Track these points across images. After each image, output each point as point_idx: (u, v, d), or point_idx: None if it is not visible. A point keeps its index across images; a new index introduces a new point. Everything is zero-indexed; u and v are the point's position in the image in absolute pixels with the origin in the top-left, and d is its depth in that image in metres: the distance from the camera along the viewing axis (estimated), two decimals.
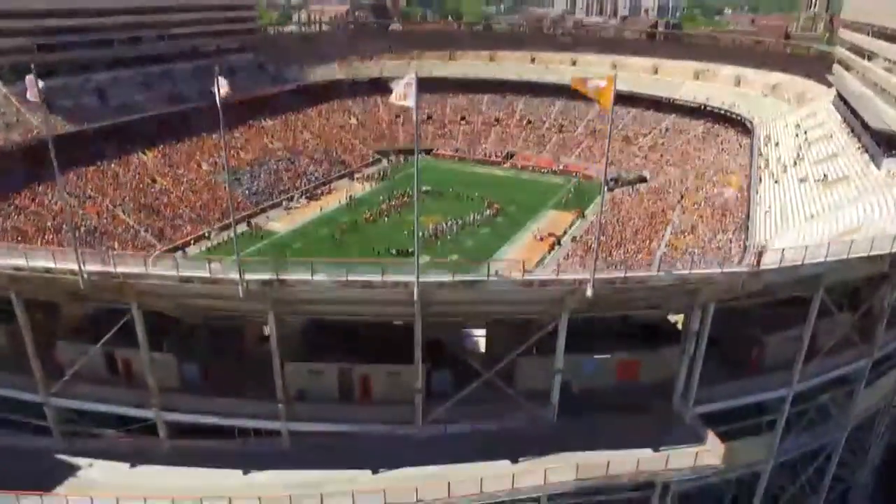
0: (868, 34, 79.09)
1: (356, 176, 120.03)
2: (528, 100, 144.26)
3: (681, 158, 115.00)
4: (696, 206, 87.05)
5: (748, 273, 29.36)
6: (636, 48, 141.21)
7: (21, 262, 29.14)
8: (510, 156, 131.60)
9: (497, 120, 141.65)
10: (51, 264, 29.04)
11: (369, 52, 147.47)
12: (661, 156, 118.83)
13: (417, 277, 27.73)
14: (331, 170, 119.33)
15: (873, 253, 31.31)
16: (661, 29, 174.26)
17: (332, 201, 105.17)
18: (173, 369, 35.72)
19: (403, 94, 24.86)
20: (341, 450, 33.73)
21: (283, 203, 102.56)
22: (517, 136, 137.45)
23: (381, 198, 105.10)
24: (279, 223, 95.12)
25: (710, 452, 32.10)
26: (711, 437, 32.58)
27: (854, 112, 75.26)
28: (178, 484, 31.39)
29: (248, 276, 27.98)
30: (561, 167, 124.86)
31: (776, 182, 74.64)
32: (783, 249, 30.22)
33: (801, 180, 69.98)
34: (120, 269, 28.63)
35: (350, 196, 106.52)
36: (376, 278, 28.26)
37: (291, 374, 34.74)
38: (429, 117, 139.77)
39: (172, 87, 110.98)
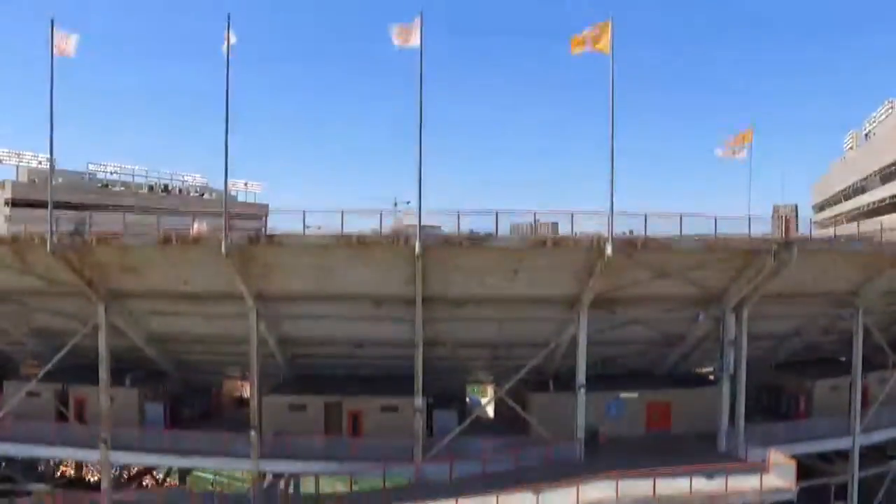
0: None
1: None
2: None
3: None
4: None
5: (778, 242, 26.91)
6: None
7: None
8: None
9: None
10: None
11: None
12: None
13: (419, 228, 24.93)
14: None
15: None
16: None
17: None
18: (134, 407, 30.65)
19: (408, 35, 24.89)
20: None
21: None
22: None
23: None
24: None
25: (776, 475, 26.21)
26: (774, 458, 26.82)
27: None
28: None
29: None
30: None
31: None
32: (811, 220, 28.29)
33: None
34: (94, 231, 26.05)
35: None
36: (373, 232, 25.63)
37: (270, 409, 29.79)
38: None
39: None
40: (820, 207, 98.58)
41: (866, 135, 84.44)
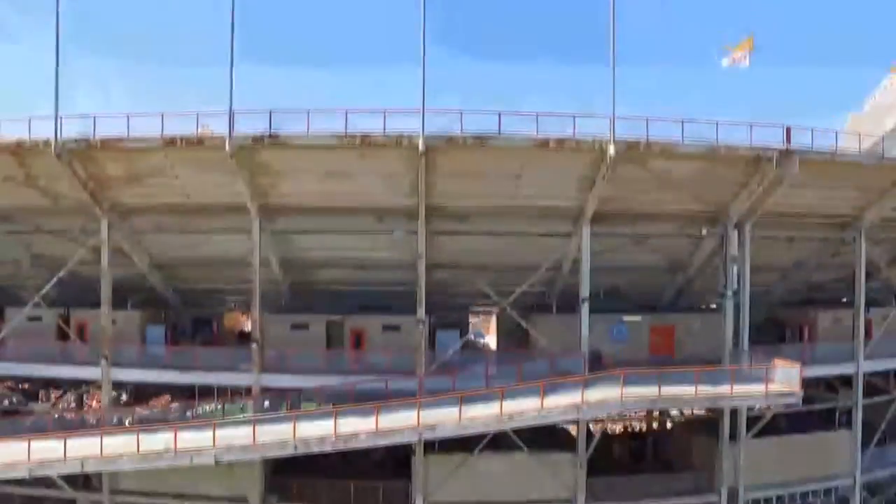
0: None
1: None
2: None
3: None
4: None
5: (779, 151, 26.96)
6: None
7: None
8: None
9: None
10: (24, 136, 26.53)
11: None
12: None
13: (423, 122, 24.91)
14: None
15: None
16: None
17: None
18: (136, 327, 30.61)
19: None
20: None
21: None
22: None
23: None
24: None
25: (781, 380, 26.12)
26: (781, 369, 26.69)
27: None
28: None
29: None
30: None
31: None
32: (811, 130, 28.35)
33: None
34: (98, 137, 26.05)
35: None
36: (377, 131, 25.60)
37: (272, 328, 29.70)
38: None
39: None
40: None
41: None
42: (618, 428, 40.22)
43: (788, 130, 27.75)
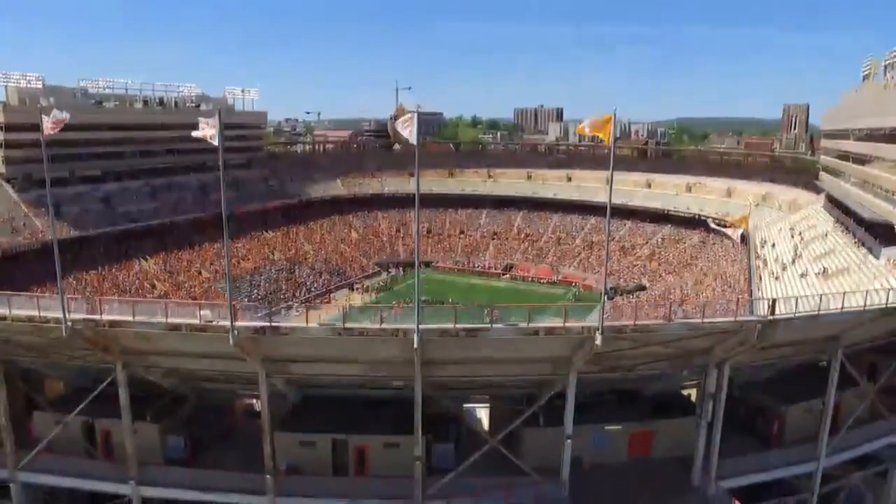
0: (851, 138, 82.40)
1: (356, 287, 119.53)
2: (525, 214, 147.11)
3: (678, 266, 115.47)
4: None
5: (762, 323, 28.10)
6: (629, 164, 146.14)
7: (3, 310, 27.94)
8: (509, 267, 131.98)
9: (496, 234, 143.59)
10: (34, 312, 27.77)
11: (371, 170, 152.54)
12: (659, 265, 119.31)
13: (418, 325, 26.40)
14: (330, 280, 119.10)
15: (891, 305, 30.26)
16: (651, 147, 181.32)
17: (331, 311, 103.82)
18: (156, 441, 33.34)
19: (406, 132, 24.94)
20: None
21: (282, 312, 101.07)
22: (516, 249, 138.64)
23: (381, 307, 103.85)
24: None
25: None
26: None
27: (847, 211, 76.69)
28: None
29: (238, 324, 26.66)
30: (559, 278, 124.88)
31: (776, 279, 74.41)
32: (797, 299, 29.23)
33: (802, 275, 69.73)
34: (106, 317, 27.32)
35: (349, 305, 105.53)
36: (373, 326, 27.03)
37: (281, 445, 32.36)
38: (428, 231, 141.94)
39: (178, 197, 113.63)
40: (830, 136, 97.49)
41: (885, 67, 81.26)
42: None
43: (774, 303, 28.56)
